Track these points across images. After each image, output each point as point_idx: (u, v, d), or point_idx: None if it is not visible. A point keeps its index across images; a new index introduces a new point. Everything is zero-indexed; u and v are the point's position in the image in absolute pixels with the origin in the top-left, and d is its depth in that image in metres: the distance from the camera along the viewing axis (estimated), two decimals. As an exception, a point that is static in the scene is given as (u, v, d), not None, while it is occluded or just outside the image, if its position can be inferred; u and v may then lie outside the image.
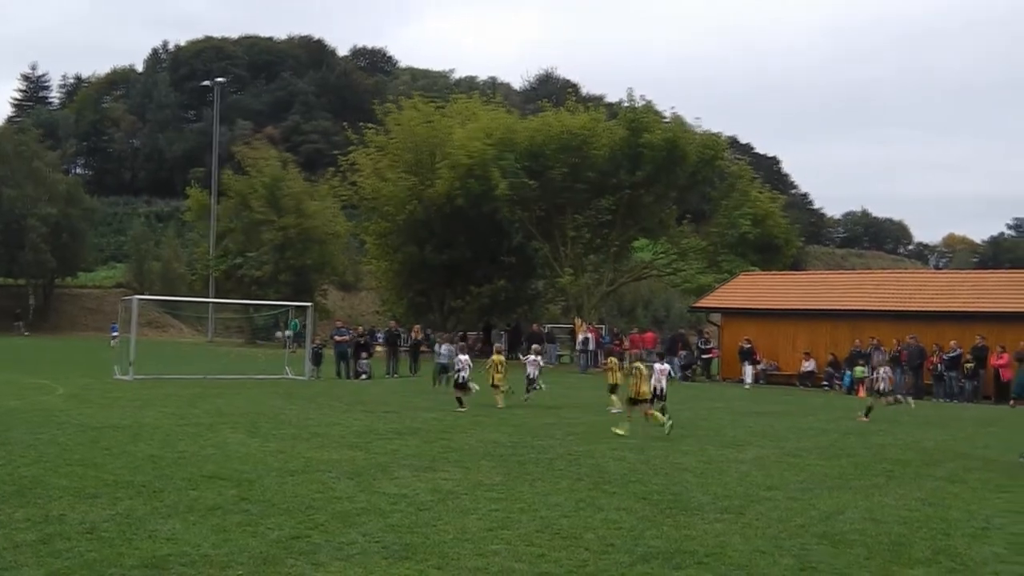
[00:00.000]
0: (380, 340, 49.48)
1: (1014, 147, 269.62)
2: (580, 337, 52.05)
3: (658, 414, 22.56)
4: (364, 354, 42.00)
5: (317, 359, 41.46)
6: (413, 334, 46.28)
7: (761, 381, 43.17)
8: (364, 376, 40.57)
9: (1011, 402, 18.81)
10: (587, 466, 16.86)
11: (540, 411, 27.35)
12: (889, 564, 10.59)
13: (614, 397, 27.38)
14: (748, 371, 44.57)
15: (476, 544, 10.78)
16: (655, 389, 23.26)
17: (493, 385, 28.98)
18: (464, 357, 28.98)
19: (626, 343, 50.99)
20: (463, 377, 28.05)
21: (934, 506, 14.20)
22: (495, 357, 29.94)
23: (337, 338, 42.91)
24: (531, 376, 30.27)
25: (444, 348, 36.89)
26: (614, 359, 29.98)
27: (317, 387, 35.20)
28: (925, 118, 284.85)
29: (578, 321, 53.90)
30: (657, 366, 24.59)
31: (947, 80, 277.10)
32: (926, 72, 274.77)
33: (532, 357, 31.18)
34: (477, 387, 28.89)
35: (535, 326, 55.62)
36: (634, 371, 22.70)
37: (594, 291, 61.96)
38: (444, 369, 35.05)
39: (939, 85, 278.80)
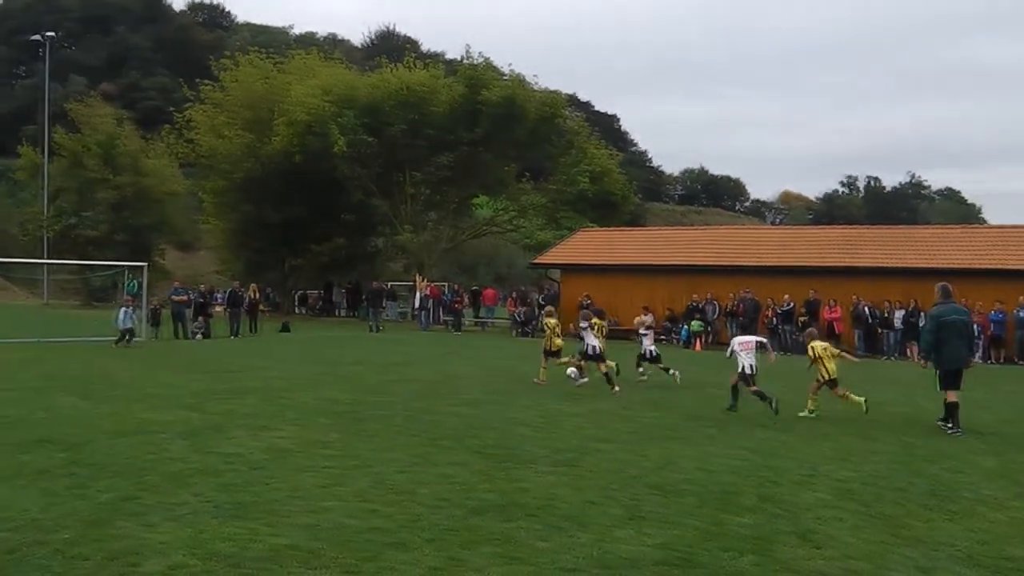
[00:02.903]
0: (220, 300, 48.89)
1: (843, 106, 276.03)
2: (419, 295, 52.11)
3: (853, 395, 19.24)
4: (201, 315, 41.54)
5: (155, 320, 40.79)
6: (250, 293, 45.72)
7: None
8: (199, 336, 40.09)
9: (922, 363, 18.73)
10: (424, 422, 16.85)
11: (380, 368, 27.30)
12: (718, 512, 10.77)
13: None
14: (587, 326, 45.03)
15: (309, 501, 10.69)
16: (753, 368, 19.51)
17: (548, 353, 24.77)
18: (583, 324, 24.00)
19: (466, 299, 51.46)
20: (594, 349, 23.33)
21: (763, 455, 14.50)
22: (549, 320, 25.71)
23: (175, 298, 42.30)
24: (653, 353, 25.28)
25: (122, 312, 35.55)
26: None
27: (154, 348, 34.62)
28: (757, 77, 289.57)
29: (418, 278, 53.91)
30: (737, 340, 20.41)
31: (776, 39, 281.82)
32: (754, 31, 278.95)
33: (643, 330, 25.86)
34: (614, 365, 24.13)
35: (375, 283, 55.40)
36: (824, 351, 19.57)
37: (434, 248, 62.13)
38: (131, 333, 34.73)
39: (768, 44, 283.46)
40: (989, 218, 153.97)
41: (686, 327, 42.89)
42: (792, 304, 40.92)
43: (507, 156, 62.98)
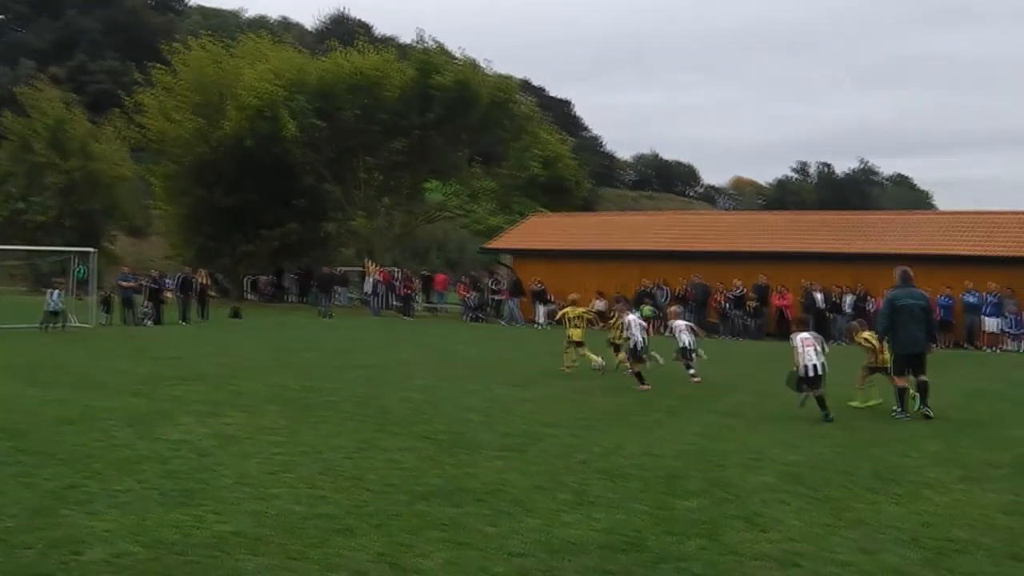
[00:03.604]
0: (170, 286, 48.52)
1: (794, 93, 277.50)
2: (369, 280, 51.98)
3: (865, 395, 18.76)
4: (152, 300, 41.24)
5: (107, 306, 40.46)
6: (199, 279, 45.36)
7: (554, 321, 43.63)
8: (149, 322, 39.83)
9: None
10: (373, 408, 16.83)
11: (330, 354, 27.24)
12: (664, 496, 10.82)
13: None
14: (540, 311, 45.12)
15: (256, 488, 10.66)
16: (815, 368, 17.17)
17: (575, 343, 24.06)
18: (633, 318, 22.51)
19: (417, 284, 51.59)
20: (641, 344, 21.64)
21: (711, 439, 14.56)
22: (568, 310, 24.84)
23: (123, 284, 41.99)
24: (689, 345, 22.57)
25: (55, 295, 35.33)
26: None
27: (103, 334, 34.36)
28: (710, 64, 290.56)
29: (369, 264, 53.75)
30: (800, 337, 17.91)
31: (729, 26, 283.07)
32: (707, 18, 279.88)
33: (681, 323, 23.56)
34: (660, 359, 23.83)
35: (326, 269, 55.19)
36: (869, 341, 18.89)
37: (387, 233, 61.96)
38: (54, 316, 34.66)
39: (722, 31, 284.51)
40: (940, 204, 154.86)
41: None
42: (743, 289, 41.10)
43: (459, 141, 62.85)
